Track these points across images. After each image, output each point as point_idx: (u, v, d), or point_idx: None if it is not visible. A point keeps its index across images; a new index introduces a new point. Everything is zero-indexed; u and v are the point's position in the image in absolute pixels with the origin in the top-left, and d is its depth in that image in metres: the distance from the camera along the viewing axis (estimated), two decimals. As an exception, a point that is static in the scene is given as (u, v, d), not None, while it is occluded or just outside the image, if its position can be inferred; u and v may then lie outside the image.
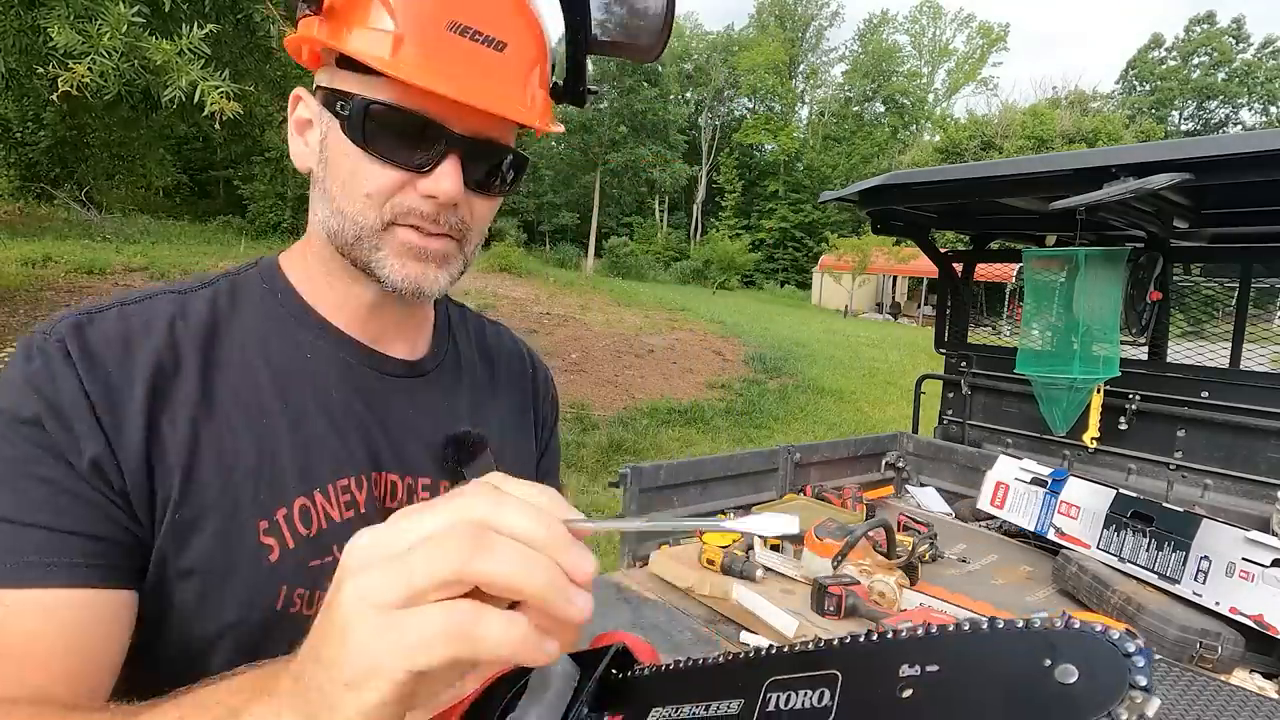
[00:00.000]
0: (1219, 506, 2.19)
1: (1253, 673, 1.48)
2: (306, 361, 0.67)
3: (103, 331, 0.59)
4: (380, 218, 0.63)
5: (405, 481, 0.69)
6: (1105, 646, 0.28)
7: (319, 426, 0.65)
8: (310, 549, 0.62)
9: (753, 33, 46.51)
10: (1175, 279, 2.64)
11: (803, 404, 8.95)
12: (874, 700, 0.32)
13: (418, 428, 0.72)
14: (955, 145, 32.87)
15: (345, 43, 0.59)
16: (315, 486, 0.63)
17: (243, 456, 0.61)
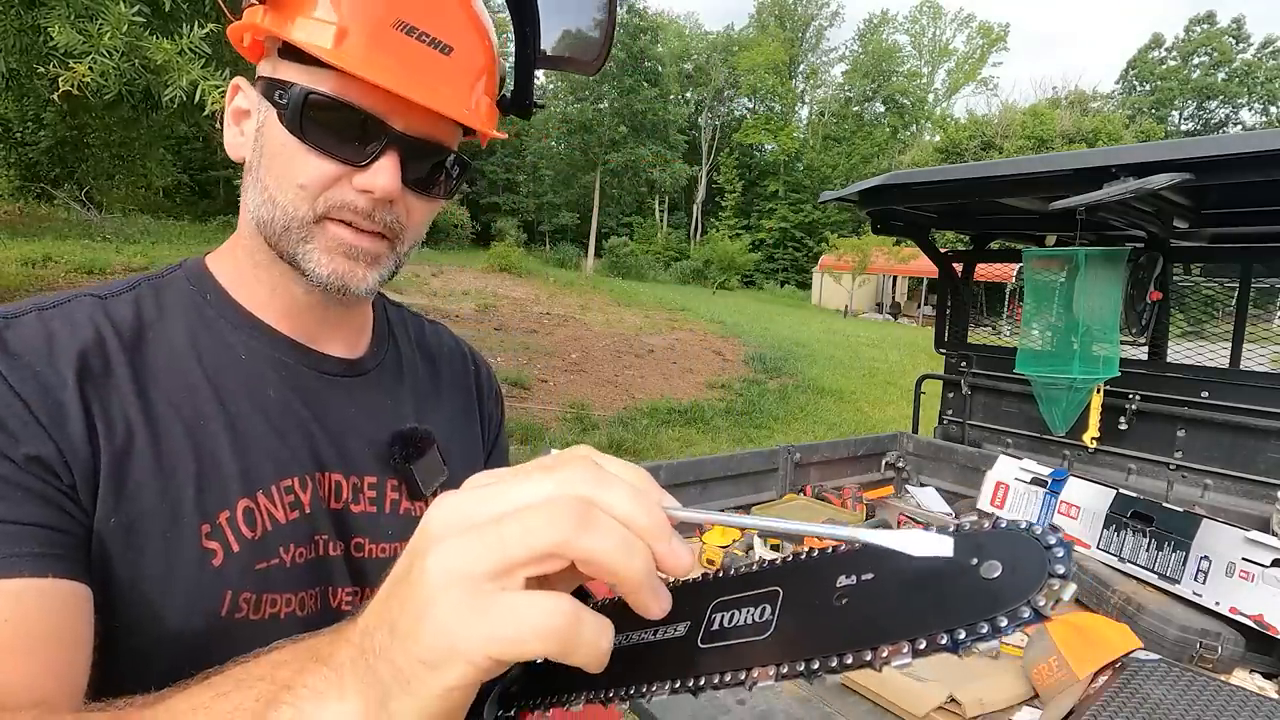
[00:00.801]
0: (1219, 506, 2.19)
1: (1253, 673, 1.48)
2: (241, 362, 0.66)
3: (21, 334, 0.57)
4: (313, 210, 0.62)
5: (350, 481, 0.68)
6: (1028, 542, 0.29)
7: (258, 427, 0.64)
8: (255, 552, 0.60)
9: (753, 33, 46.52)
10: (1175, 279, 2.64)
11: (803, 404, 8.96)
12: (812, 609, 0.33)
13: (360, 427, 0.70)
14: (955, 145, 32.88)
15: (288, 32, 0.59)
16: (258, 488, 0.62)
17: (181, 460, 0.59)
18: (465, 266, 19.39)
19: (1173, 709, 1.19)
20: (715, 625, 0.36)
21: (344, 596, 0.67)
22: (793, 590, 0.35)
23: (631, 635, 0.38)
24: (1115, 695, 1.22)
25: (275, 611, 0.61)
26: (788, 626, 0.34)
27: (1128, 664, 1.32)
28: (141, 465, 0.57)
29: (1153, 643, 1.48)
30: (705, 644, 0.36)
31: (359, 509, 0.68)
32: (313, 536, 0.64)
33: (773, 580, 0.36)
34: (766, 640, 0.34)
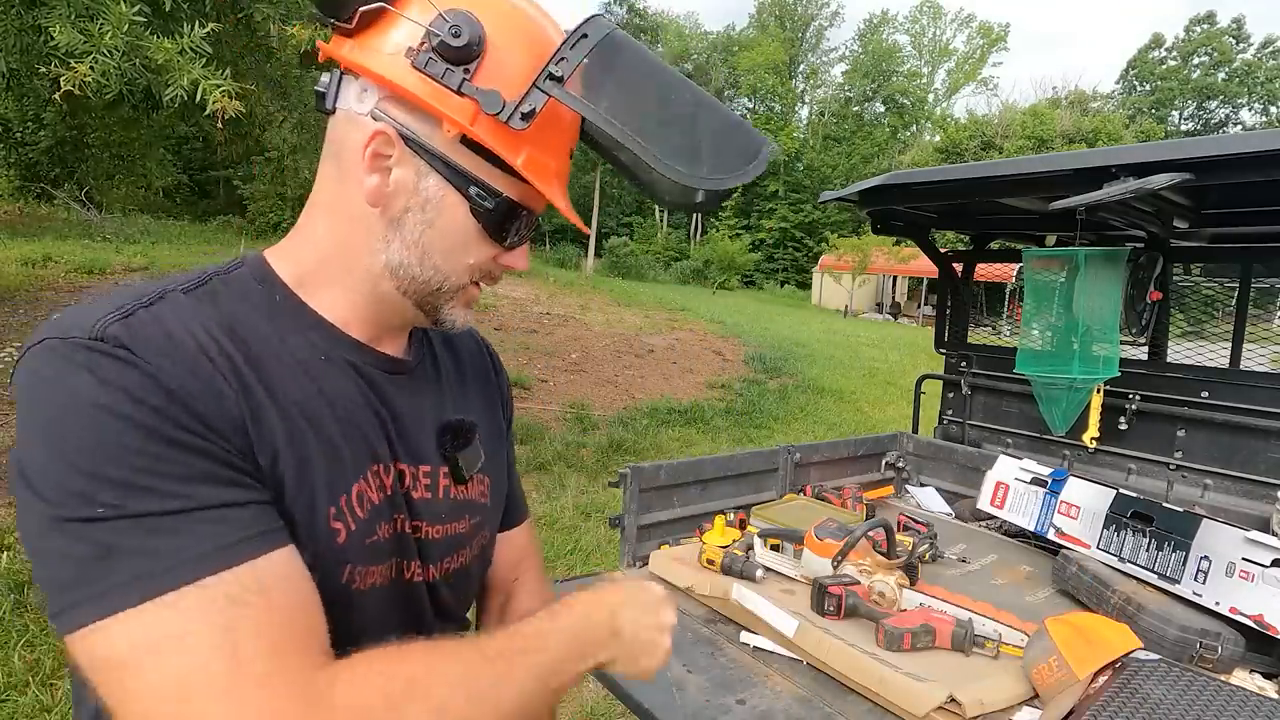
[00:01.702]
0: (1219, 506, 2.19)
1: (1253, 673, 1.48)
2: (325, 362, 0.71)
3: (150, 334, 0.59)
4: (468, 278, 0.74)
5: (410, 470, 0.75)
6: None
7: (354, 418, 0.71)
8: (365, 529, 0.69)
9: (753, 33, 46.49)
10: (1175, 279, 2.64)
11: (803, 404, 8.95)
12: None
13: (415, 419, 0.77)
14: (955, 145, 32.88)
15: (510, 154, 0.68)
16: (361, 474, 0.69)
17: (310, 449, 0.65)
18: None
19: (1173, 709, 1.19)
20: None
21: (415, 569, 0.75)
22: None
23: None
24: (1115, 695, 1.22)
25: (372, 582, 0.70)
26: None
27: (1128, 664, 1.32)
28: (284, 454, 0.63)
29: (1153, 643, 1.48)
30: None
31: (418, 495, 0.76)
32: (394, 515, 0.73)
33: None
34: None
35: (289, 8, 3.56)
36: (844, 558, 1.65)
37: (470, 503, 0.82)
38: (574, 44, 0.65)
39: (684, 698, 1.32)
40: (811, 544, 1.74)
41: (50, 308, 7.37)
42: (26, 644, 2.84)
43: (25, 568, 3.35)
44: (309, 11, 3.46)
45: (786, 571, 1.76)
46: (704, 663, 1.44)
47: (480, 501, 0.84)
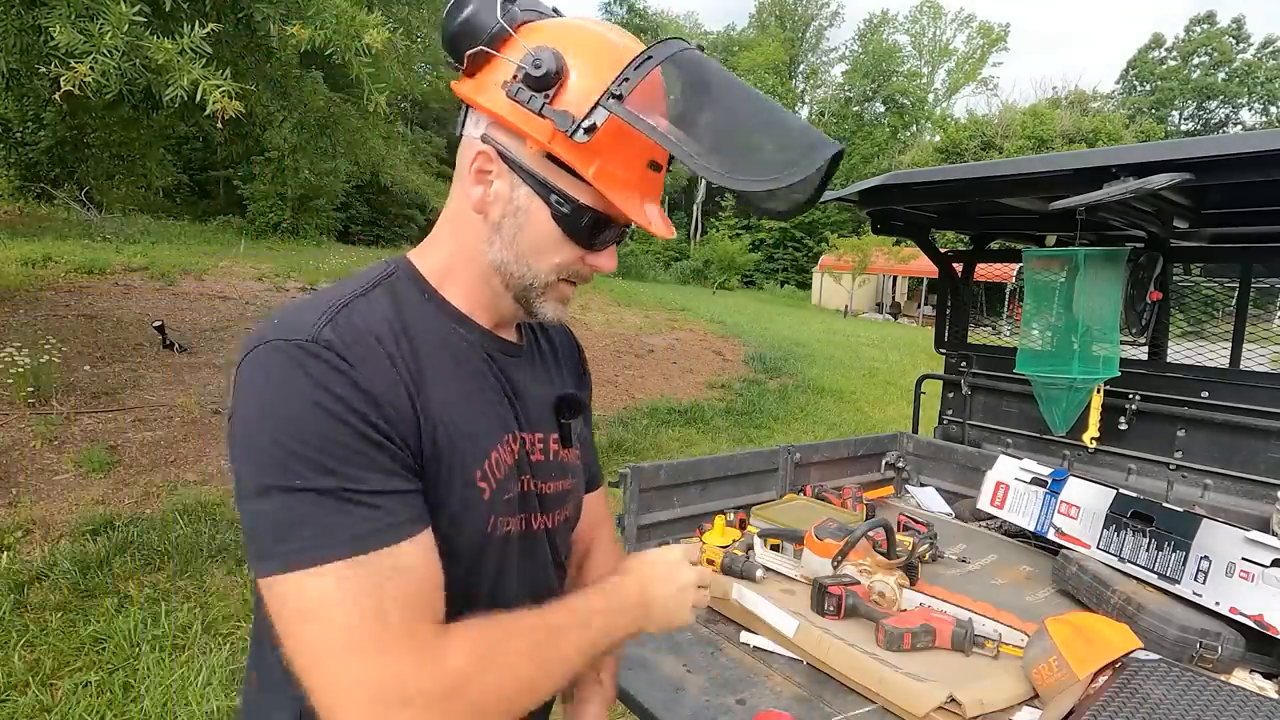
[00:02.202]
0: (1219, 506, 2.19)
1: (1253, 673, 1.48)
2: (466, 347, 0.85)
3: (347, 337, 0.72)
4: (555, 276, 0.84)
5: (531, 438, 0.90)
6: None
7: (490, 397, 0.86)
8: (502, 487, 0.84)
9: (753, 33, 46.49)
10: (1175, 279, 2.63)
11: (803, 404, 8.95)
12: None
13: (532, 394, 0.92)
14: (955, 145, 32.87)
15: (582, 166, 0.76)
16: (498, 441, 0.84)
17: (460, 423, 0.79)
18: (465, 266, 19.33)
19: (1173, 709, 1.19)
20: None
21: (541, 520, 0.92)
22: None
23: None
24: (1115, 695, 1.22)
25: (507, 530, 0.85)
26: None
27: (1128, 664, 1.32)
28: (442, 431, 0.77)
29: (1153, 643, 1.48)
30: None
31: (536, 458, 0.91)
32: (520, 477, 0.87)
33: None
34: None
35: (289, 8, 3.56)
36: (844, 558, 1.65)
37: (571, 465, 0.98)
38: (638, 65, 0.73)
39: (684, 698, 1.32)
40: (811, 544, 1.74)
41: (50, 308, 7.37)
42: (26, 644, 2.84)
43: (25, 568, 3.35)
44: (311, 10, 3.46)
45: (786, 571, 1.76)
46: (704, 663, 1.44)
47: (576, 464, 1.00)
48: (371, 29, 3.45)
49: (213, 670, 2.70)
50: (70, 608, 3.11)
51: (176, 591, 3.29)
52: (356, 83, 3.78)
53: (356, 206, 26.28)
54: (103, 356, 6.26)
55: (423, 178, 8.11)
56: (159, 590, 3.29)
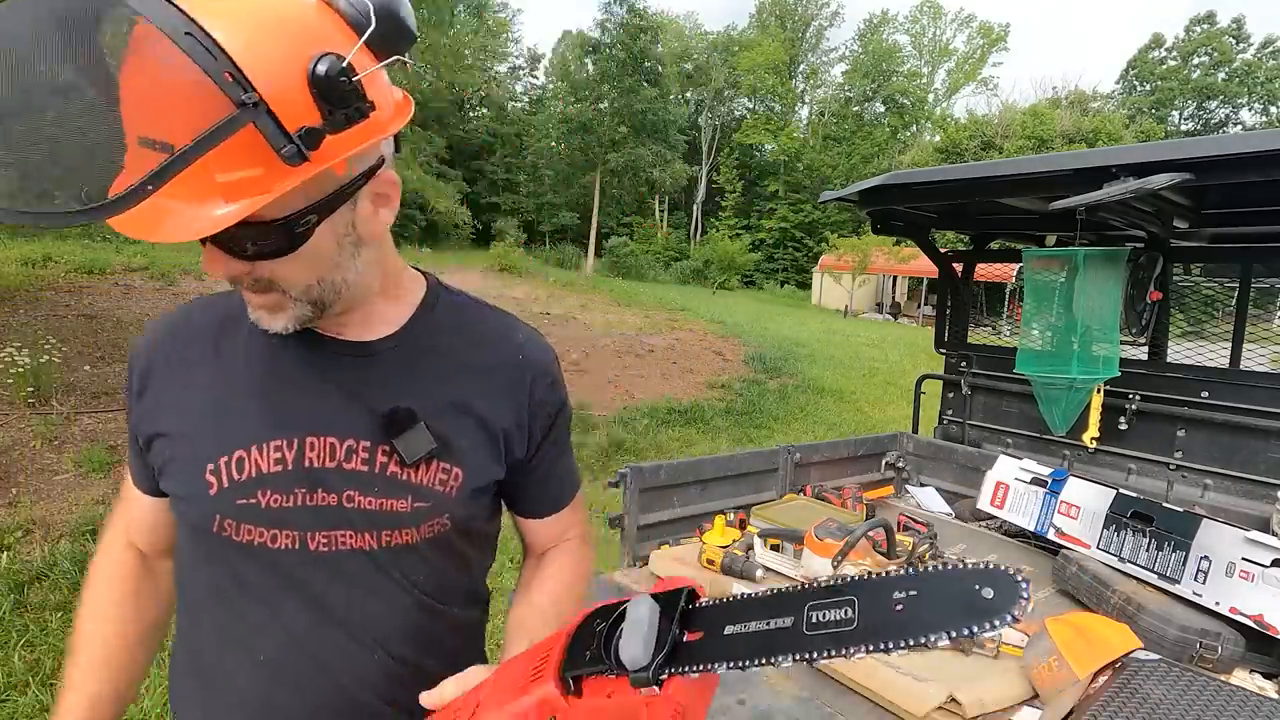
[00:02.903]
0: (1219, 506, 2.19)
1: (1253, 673, 1.48)
2: (270, 343, 0.84)
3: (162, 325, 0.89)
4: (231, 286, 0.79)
5: (345, 444, 0.84)
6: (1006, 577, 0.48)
7: (267, 396, 0.84)
8: (243, 490, 0.81)
9: (753, 33, 46.49)
10: (1175, 279, 2.63)
11: (803, 404, 8.95)
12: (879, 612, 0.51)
13: (363, 398, 0.85)
14: (955, 145, 32.87)
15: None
16: (252, 443, 0.82)
17: (195, 416, 0.84)
18: (465, 266, 19.37)
19: (1173, 709, 1.19)
20: (813, 619, 0.53)
21: (320, 540, 0.84)
22: (864, 600, 0.52)
23: (749, 625, 0.56)
24: (1115, 695, 1.22)
25: (252, 539, 0.82)
26: (866, 623, 0.51)
27: (1128, 664, 1.32)
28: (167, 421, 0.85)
29: (1153, 643, 1.48)
30: (810, 631, 0.53)
31: (351, 467, 0.84)
32: (291, 489, 0.82)
33: (849, 592, 0.53)
34: (853, 630, 0.51)
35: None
36: (844, 558, 1.65)
37: (417, 486, 0.86)
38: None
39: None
40: (811, 544, 1.74)
41: (50, 308, 7.36)
42: (26, 644, 2.84)
43: (25, 568, 3.35)
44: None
45: (786, 571, 1.76)
46: (704, 663, 1.44)
47: (436, 489, 0.87)
48: (371, 29, 3.45)
49: (213, 670, 2.70)
50: (70, 608, 3.11)
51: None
52: (356, 83, 3.77)
53: (356, 206, 26.23)
54: (103, 356, 6.26)
55: (423, 178, 8.10)
56: (159, 590, 3.29)
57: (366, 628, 0.86)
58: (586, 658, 0.59)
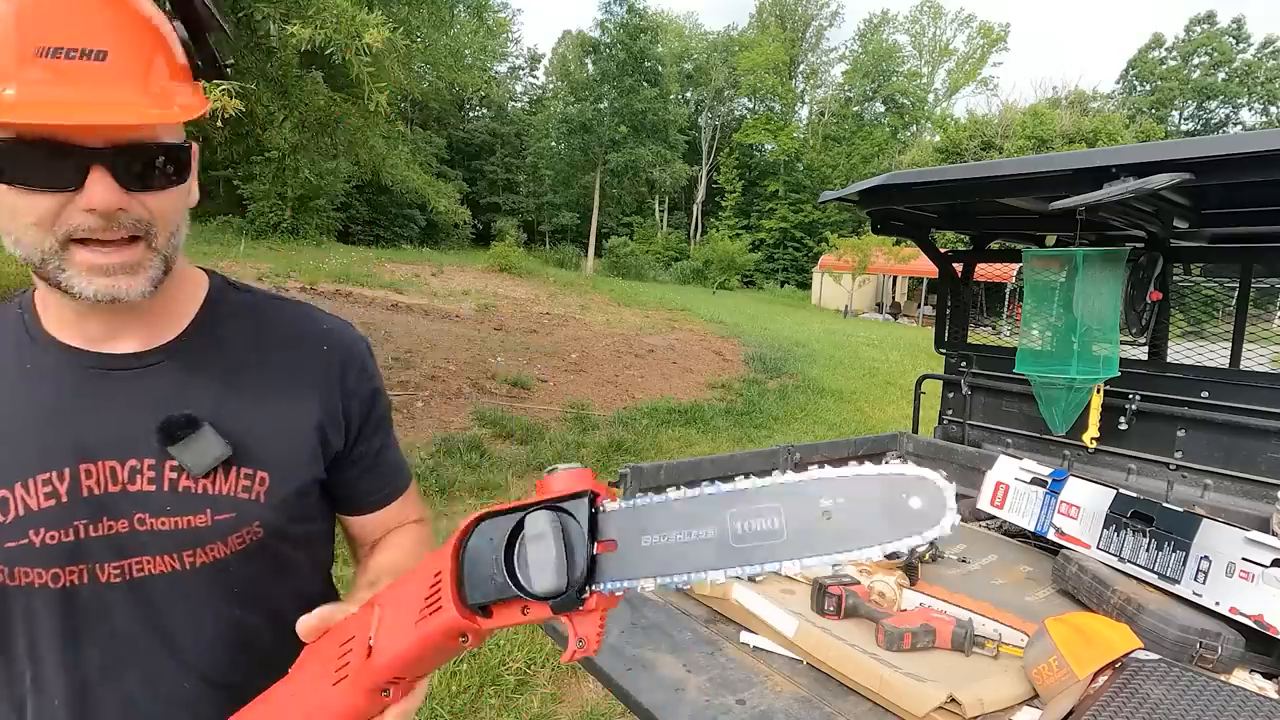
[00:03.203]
0: (1219, 506, 2.19)
1: (1253, 673, 1.48)
2: (26, 373, 0.78)
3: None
4: (54, 239, 0.69)
5: (128, 464, 0.78)
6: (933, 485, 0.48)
7: (23, 429, 0.76)
8: (4, 533, 0.74)
9: (753, 33, 46.50)
10: (1175, 279, 2.63)
11: (803, 404, 8.95)
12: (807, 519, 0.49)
13: (142, 413, 0.78)
14: (955, 145, 32.87)
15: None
16: (16, 480, 0.75)
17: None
18: (465, 266, 19.39)
19: (1173, 709, 1.19)
20: (738, 529, 0.50)
21: (110, 572, 0.77)
22: (790, 509, 0.49)
23: (669, 534, 0.52)
24: (1115, 695, 1.22)
25: (29, 582, 0.75)
26: (794, 534, 0.49)
27: (1128, 664, 1.32)
28: None
29: (1153, 643, 1.48)
30: (737, 544, 0.50)
31: (136, 488, 0.78)
32: (71, 522, 0.76)
33: (773, 498, 0.50)
34: (783, 542, 0.49)
35: (289, 7, 3.56)
36: (844, 558, 1.65)
37: (215, 498, 0.80)
38: None
39: (684, 698, 1.32)
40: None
41: (50, 308, 7.36)
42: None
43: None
44: (311, 10, 3.47)
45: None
46: (704, 663, 1.44)
47: (240, 498, 0.81)
48: (371, 28, 3.45)
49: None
50: None
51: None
52: (356, 82, 3.78)
53: (357, 206, 26.31)
54: (103, 356, 6.26)
55: (423, 177, 8.10)
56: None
57: (178, 656, 0.80)
58: (491, 583, 0.55)
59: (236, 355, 0.86)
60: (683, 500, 0.53)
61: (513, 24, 42.06)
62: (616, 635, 1.54)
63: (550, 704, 2.77)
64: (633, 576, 0.52)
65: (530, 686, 2.86)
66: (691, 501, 0.52)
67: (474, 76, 15.00)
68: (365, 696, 0.62)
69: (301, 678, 0.67)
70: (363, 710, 0.63)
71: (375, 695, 0.62)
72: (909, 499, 0.47)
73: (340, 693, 0.62)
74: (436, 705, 2.64)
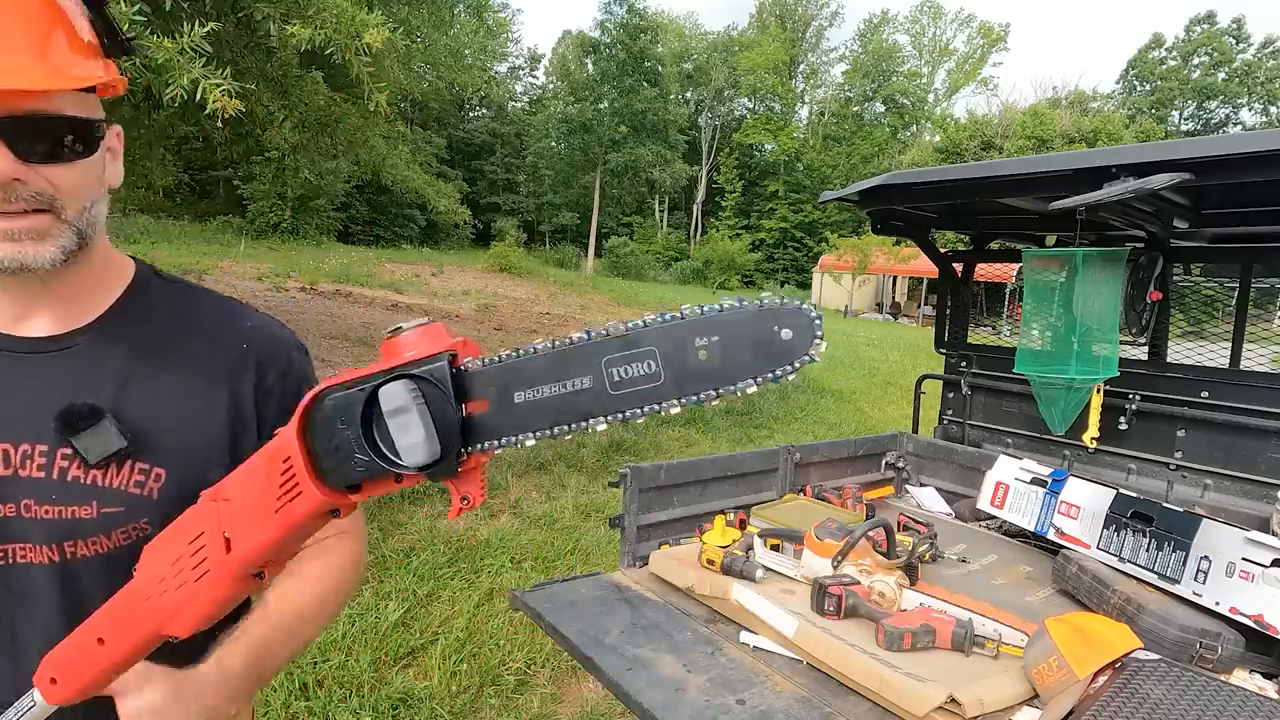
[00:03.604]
0: (1219, 506, 2.19)
1: (1253, 673, 1.48)
2: None
3: None
4: None
5: (21, 449, 0.77)
6: (805, 316, 0.48)
7: None
8: None
9: (753, 33, 46.49)
10: (1175, 279, 2.63)
11: (803, 404, 8.95)
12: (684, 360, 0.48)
13: (44, 398, 0.77)
14: (955, 145, 32.88)
15: None
16: None
17: None
18: (465, 266, 19.40)
19: (1173, 709, 1.19)
20: (615, 377, 0.50)
21: (26, 551, 0.77)
22: (665, 351, 0.49)
23: (542, 389, 0.51)
24: (1115, 695, 1.22)
25: None
26: (672, 375, 0.49)
27: (1128, 664, 1.32)
28: None
29: (1153, 643, 1.48)
30: (615, 391, 0.50)
31: (27, 474, 0.77)
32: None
33: (648, 342, 0.49)
34: (660, 385, 0.49)
35: (289, 7, 3.56)
36: (844, 558, 1.65)
37: (104, 490, 0.79)
38: None
39: (684, 698, 1.32)
40: (811, 544, 1.74)
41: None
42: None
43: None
44: (311, 10, 3.47)
45: (786, 571, 1.76)
46: (704, 663, 1.44)
47: (131, 492, 0.80)
48: (371, 28, 3.45)
49: (212, 670, 2.70)
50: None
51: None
52: (356, 82, 3.78)
53: (356, 206, 26.31)
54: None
55: (423, 177, 8.11)
56: (159, 590, 3.29)
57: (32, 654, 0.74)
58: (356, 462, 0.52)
59: (152, 345, 0.84)
60: (554, 353, 0.51)
61: (513, 24, 42.08)
62: (616, 635, 1.54)
63: (550, 704, 2.77)
64: (510, 434, 0.51)
65: (530, 686, 2.86)
66: (563, 353, 0.51)
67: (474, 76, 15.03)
68: (234, 585, 0.60)
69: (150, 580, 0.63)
70: (235, 596, 0.61)
71: (245, 581, 0.60)
72: (780, 330, 0.47)
73: (206, 586, 0.60)
74: (436, 705, 2.64)
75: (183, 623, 0.61)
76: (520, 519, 4.54)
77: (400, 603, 3.26)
